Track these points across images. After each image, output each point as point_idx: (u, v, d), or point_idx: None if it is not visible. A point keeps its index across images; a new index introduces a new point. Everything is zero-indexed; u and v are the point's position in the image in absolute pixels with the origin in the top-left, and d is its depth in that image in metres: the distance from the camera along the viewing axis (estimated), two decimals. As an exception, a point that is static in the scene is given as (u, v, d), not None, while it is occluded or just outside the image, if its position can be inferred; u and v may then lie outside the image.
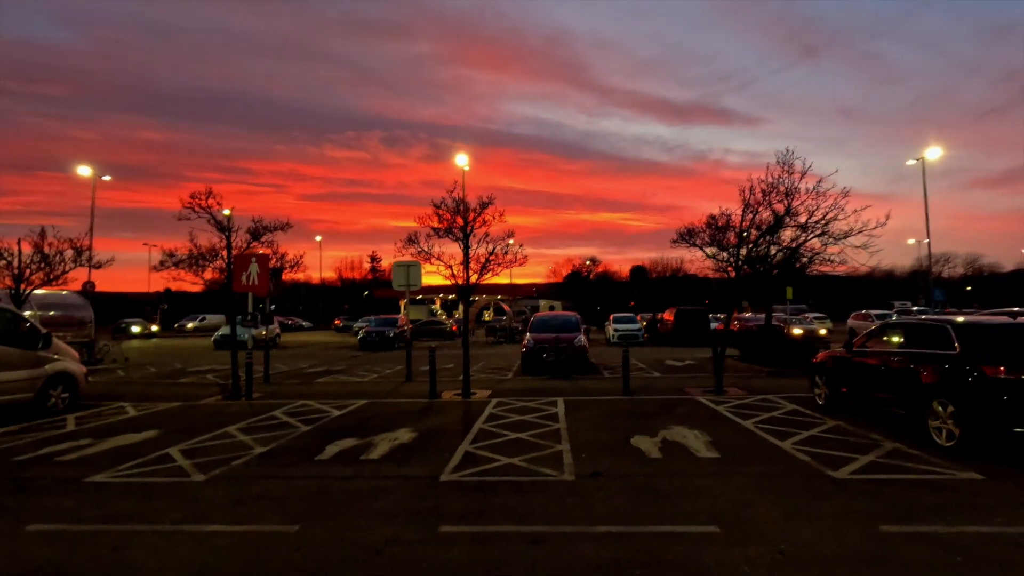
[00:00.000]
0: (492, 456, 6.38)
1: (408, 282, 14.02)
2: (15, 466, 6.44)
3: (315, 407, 10.03)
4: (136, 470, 6.15)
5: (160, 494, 5.30)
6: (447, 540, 4.06)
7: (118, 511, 4.84)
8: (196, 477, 5.83)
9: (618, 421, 8.30)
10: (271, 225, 11.64)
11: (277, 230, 11.67)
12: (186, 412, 9.90)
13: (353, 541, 4.08)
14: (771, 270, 10.37)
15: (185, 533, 4.31)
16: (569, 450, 6.59)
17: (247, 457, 6.60)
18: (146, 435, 7.92)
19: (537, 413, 9.00)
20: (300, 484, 5.51)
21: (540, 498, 4.95)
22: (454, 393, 11.35)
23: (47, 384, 9.63)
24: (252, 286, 11.39)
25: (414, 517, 4.54)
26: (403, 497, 5.05)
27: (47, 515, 4.77)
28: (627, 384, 10.95)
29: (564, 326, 15.67)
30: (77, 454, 6.91)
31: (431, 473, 5.79)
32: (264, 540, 4.15)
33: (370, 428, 8.10)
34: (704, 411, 8.94)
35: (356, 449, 6.89)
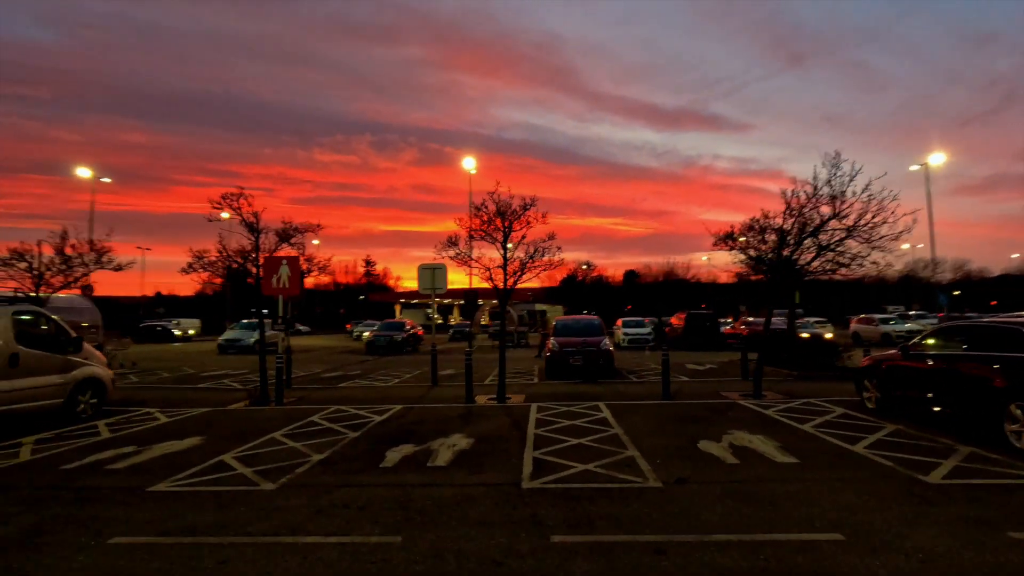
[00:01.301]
0: (564, 462, 6.22)
1: (434, 285, 13.84)
2: (67, 475, 6.18)
3: (352, 412, 9.81)
4: (197, 479, 5.92)
5: (235, 504, 5.08)
6: (566, 551, 3.90)
7: (199, 522, 4.62)
8: (265, 486, 5.62)
9: (672, 425, 8.17)
10: (301, 227, 11.40)
11: (307, 231, 11.44)
12: (219, 418, 9.64)
13: (466, 552, 3.91)
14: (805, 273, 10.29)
15: (284, 545, 4.11)
16: (640, 456, 6.44)
17: (307, 465, 6.39)
18: (189, 442, 7.66)
19: (585, 418, 8.85)
20: (379, 492, 5.31)
21: (637, 505, 4.80)
22: (488, 398, 11.17)
23: (76, 389, 9.33)
24: (283, 288, 11.16)
25: (517, 526, 4.37)
26: (494, 505, 4.88)
27: (126, 527, 4.54)
28: (667, 389, 10.84)
29: (588, 330, 15.54)
30: (127, 462, 6.66)
31: (510, 480, 5.62)
32: (372, 551, 3.96)
33: (421, 434, 7.90)
34: (754, 415, 8.84)
35: (418, 456, 6.70)
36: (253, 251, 11.39)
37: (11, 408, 8.20)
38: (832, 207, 9.07)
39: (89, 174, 30.65)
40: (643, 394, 11.43)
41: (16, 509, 5.03)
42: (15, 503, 5.21)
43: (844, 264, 9.80)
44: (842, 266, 9.87)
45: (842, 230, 9.20)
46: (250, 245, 11.27)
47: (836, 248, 9.38)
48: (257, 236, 11.25)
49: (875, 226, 8.85)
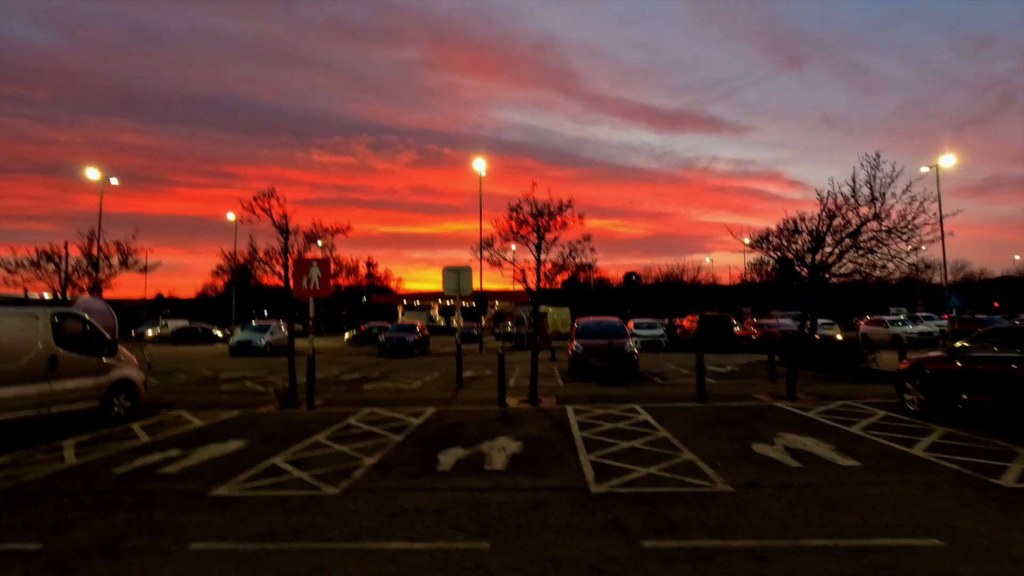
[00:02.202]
0: (623, 466, 6.16)
1: (459, 287, 13.77)
2: (121, 479, 6.11)
3: (386, 415, 9.74)
4: (255, 483, 5.84)
5: (305, 509, 5.01)
6: (663, 557, 3.84)
7: (276, 528, 4.56)
8: (327, 490, 5.55)
9: (718, 428, 8.12)
10: (331, 228, 11.33)
11: (337, 233, 11.38)
12: (254, 421, 9.56)
13: (561, 558, 3.85)
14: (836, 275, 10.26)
15: (371, 552, 4.05)
16: (697, 459, 6.39)
17: (362, 469, 6.32)
18: (233, 445, 7.59)
19: (626, 421, 8.80)
20: (447, 497, 5.25)
21: (716, 510, 4.75)
22: (519, 400, 11.10)
23: (111, 392, 9.25)
24: (313, 290, 11.08)
25: (602, 532, 4.32)
26: (570, 510, 4.82)
27: (202, 533, 4.47)
28: (702, 391, 10.78)
29: (612, 332, 15.49)
30: (177, 466, 6.59)
31: (576, 485, 5.56)
32: (463, 558, 3.90)
33: (466, 437, 7.84)
34: (796, 418, 8.79)
35: (472, 459, 6.64)
36: (282, 252, 11.32)
37: (51, 411, 8.11)
38: (872, 208, 9.03)
39: (98, 175, 30.51)
40: (675, 396, 11.37)
41: (83, 514, 4.96)
42: (80, 508, 5.13)
43: (879, 265, 9.76)
44: (877, 268, 9.83)
45: (882, 231, 9.15)
46: (279, 246, 11.20)
47: (876, 249, 9.34)
48: (286, 237, 11.19)
49: (916, 228, 8.82)
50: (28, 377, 7.79)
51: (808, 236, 10.54)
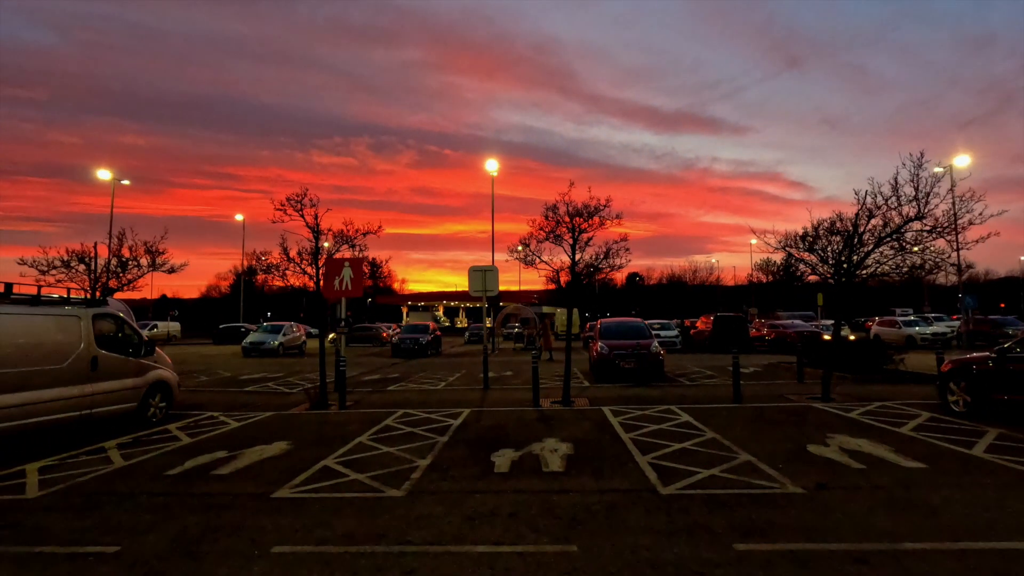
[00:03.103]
0: (684, 467, 6.10)
1: (485, 287, 13.72)
2: (176, 481, 6.05)
3: (422, 416, 9.67)
4: (315, 485, 5.78)
5: (374, 511, 4.95)
6: (760, 560, 3.77)
7: (353, 530, 4.50)
8: (391, 492, 5.48)
9: (765, 429, 8.05)
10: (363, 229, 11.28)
11: (369, 234, 11.33)
12: (290, 422, 9.49)
13: (657, 562, 3.78)
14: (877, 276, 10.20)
15: (460, 554, 3.98)
16: (756, 460, 6.32)
17: (419, 470, 6.25)
18: (279, 447, 7.52)
19: (668, 422, 8.73)
20: (516, 499, 5.19)
21: (796, 512, 4.68)
22: (551, 401, 11.02)
23: (148, 393, 9.20)
24: (346, 291, 11.02)
25: (689, 534, 4.25)
26: (647, 512, 4.76)
27: (278, 536, 4.41)
28: (738, 392, 10.73)
29: (636, 333, 15.43)
30: (229, 467, 6.53)
31: (643, 487, 5.50)
32: (556, 561, 3.83)
33: (511, 439, 7.77)
34: (839, 419, 8.72)
35: (526, 461, 6.57)
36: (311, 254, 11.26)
37: (92, 412, 8.06)
38: (916, 207, 8.97)
39: (109, 176, 30.49)
40: (708, 397, 11.30)
41: (151, 517, 4.90)
42: (146, 510, 5.08)
43: (918, 265, 9.69)
44: (916, 268, 9.77)
45: (923, 231, 9.09)
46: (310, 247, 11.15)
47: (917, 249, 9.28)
48: (317, 238, 11.14)
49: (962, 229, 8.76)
50: (72, 378, 7.73)
51: (841, 237, 10.49)
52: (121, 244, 11.30)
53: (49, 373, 7.40)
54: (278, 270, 10.90)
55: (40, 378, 7.26)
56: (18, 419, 6.93)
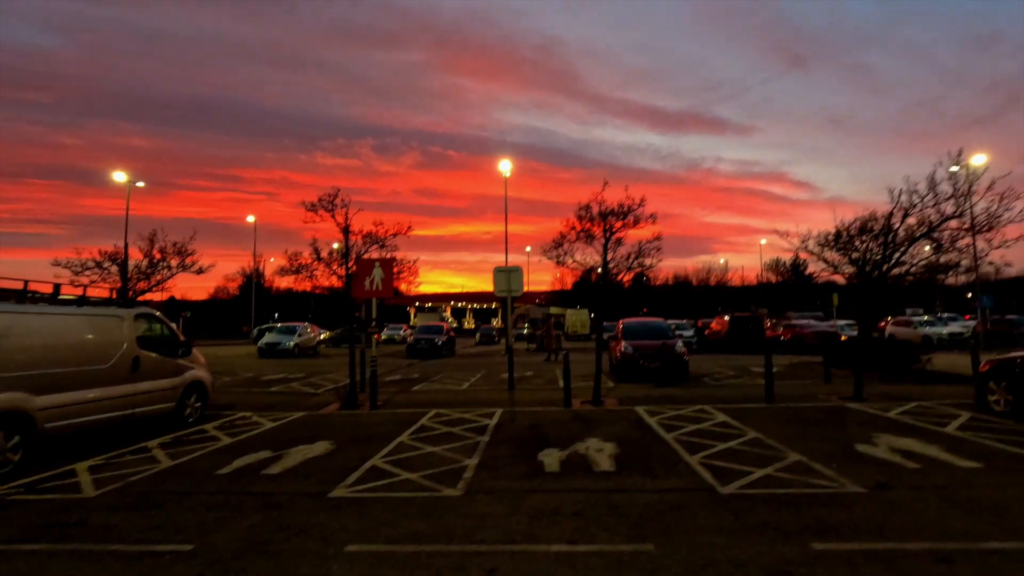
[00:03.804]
0: (736, 467, 6.07)
1: (509, 287, 13.73)
2: (229, 480, 6.07)
3: (456, 416, 9.67)
4: (369, 484, 5.79)
5: (435, 510, 4.95)
6: (843, 559, 3.75)
7: (419, 530, 4.50)
8: (448, 492, 5.48)
9: (805, 429, 8.00)
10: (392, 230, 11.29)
11: (398, 235, 11.34)
12: (324, 422, 9.52)
13: (737, 560, 3.76)
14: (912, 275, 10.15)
15: (537, 553, 3.98)
16: (807, 460, 6.28)
17: (469, 470, 6.25)
18: (322, 447, 7.53)
19: (706, 421, 8.70)
20: (575, 498, 5.17)
21: (862, 511, 4.65)
22: (581, 401, 11.00)
23: (185, 393, 9.24)
24: (376, 291, 11.05)
25: (760, 533, 4.23)
26: (711, 511, 4.74)
27: (348, 535, 4.41)
28: (771, 392, 10.68)
29: (659, 332, 15.39)
30: (279, 467, 6.55)
31: (699, 486, 5.48)
32: (633, 559, 3.82)
33: (552, 438, 7.76)
34: (879, 419, 8.67)
35: (573, 460, 6.56)
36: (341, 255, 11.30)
37: (134, 412, 8.10)
38: (956, 205, 8.92)
39: (124, 178, 30.68)
40: (739, 397, 11.26)
41: (215, 516, 4.91)
42: (207, 509, 5.09)
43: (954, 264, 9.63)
44: (950, 268, 9.71)
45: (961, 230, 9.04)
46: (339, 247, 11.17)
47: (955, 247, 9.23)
48: (347, 237, 11.17)
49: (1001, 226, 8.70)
50: (115, 378, 7.78)
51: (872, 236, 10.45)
52: (152, 245, 11.37)
53: (95, 373, 7.44)
54: (308, 269, 10.92)
55: (86, 378, 7.31)
56: (68, 419, 6.97)
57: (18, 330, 6.52)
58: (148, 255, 11.33)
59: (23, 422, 6.39)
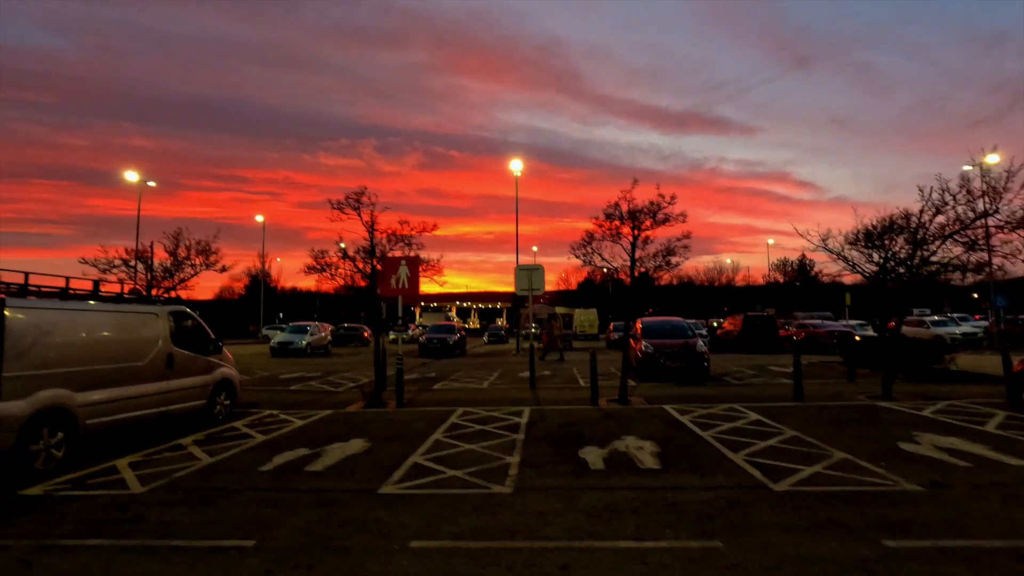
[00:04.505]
0: (784, 464, 6.03)
1: (531, 286, 13.69)
2: (273, 477, 6.06)
3: (484, 414, 9.64)
4: (415, 481, 5.77)
5: (490, 507, 4.93)
6: (920, 557, 3.71)
7: (479, 526, 4.47)
8: (498, 489, 5.46)
9: (842, 427, 7.94)
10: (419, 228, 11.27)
11: (423, 233, 11.32)
12: (354, 420, 9.50)
13: (810, 557, 3.73)
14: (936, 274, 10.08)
15: (605, 550, 3.95)
16: (853, 458, 6.24)
17: (512, 467, 6.22)
18: (358, 444, 7.51)
19: (740, 419, 8.66)
20: (630, 496, 5.14)
21: (927, 509, 4.61)
22: (607, 400, 10.96)
23: (215, 391, 9.23)
24: (402, 289, 11.03)
25: (827, 530, 4.19)
26: (771, 508, 4.71)
27: (409, 531, 4.39)
28: (799, 391, 10.63)
29: (680, 332, 15.35)
30: (320, 464, 6.53)
31: (751, 483, 5.45)
32: (707, 556, 3.79)
33: (590, 436, 7.73)
34: (916, 418, 8.62)
35: (616, 458, 6.53)
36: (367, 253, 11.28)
37: (168, 409, 8.09)
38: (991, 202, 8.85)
39: (136, 178, 30.76)
40: (766, 396, 11.20)
41: (270, 512, 4.90)
42: (260, 505, 5.08)
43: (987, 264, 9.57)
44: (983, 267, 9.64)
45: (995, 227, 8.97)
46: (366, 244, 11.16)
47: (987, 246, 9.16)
48: (372, 236, 11.15)
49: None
50: (151, 375, 7.77)
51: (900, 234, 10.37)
52: (177, 244, 11.39)
53: (133, 370, 7.44)
54: (332, 268, 10.90)
55: (124, 375, 7.30)
56: (107, 415, 6.97)
57: (61, 327, 6.51)
58: (173, 253, 11.33)
59: (66, 419, 6.39)
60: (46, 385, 6.18)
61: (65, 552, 4.10)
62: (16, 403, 5.81)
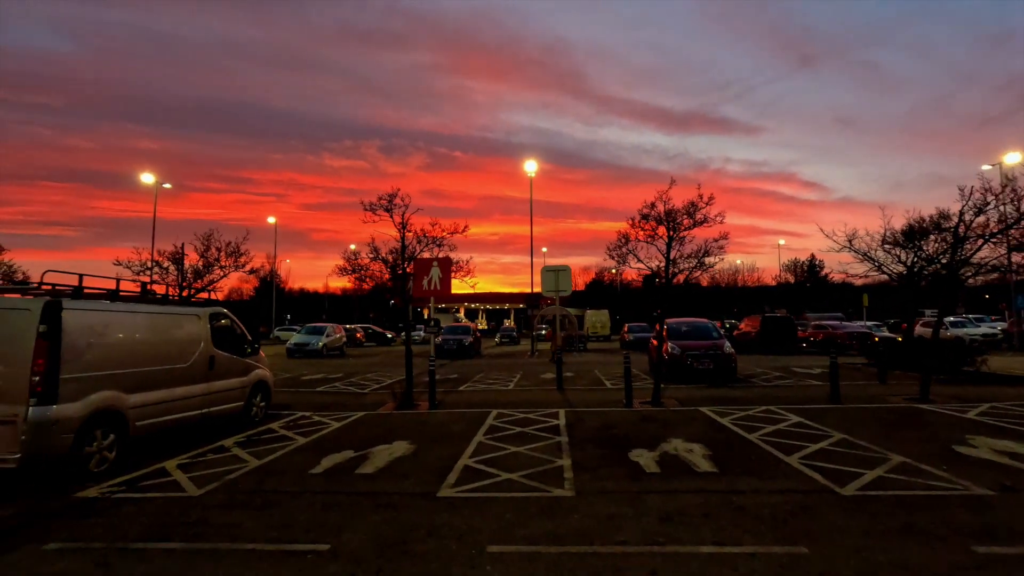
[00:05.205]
0: (842, 468, 5.95)
1: (557, 287, 13.66)
2: (327, 480, 6.03)
3: (520, 416, 9.59)
4: (473, 484, 5.72)
5: (559, 511, 4.87)
6: (1016, 563, 3.64)
7: (552, 530, 4.42)
8: (558, 492, 5.41)
9: (889, 430, 7.84)
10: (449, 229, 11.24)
11: (455, 234, 11.29)
12: (390, 421, 9.46)
13: (904, 563, 3.66)
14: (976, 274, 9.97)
15: (692, 555, 3.89)
16: (913, 461, 6.15)
17: (566, 470, 6.16)
18: (403, 447, 7.47)
19: (782, 422, 8.58)
20: (695, 500, 5.08)
21: (1006, 513, 4.54)
22: (640, 402, 10.87)
23: (251, 392, 9.22)
24: (434, 290, 10.99)
25: (910, 535, 4.12)
26: (846, 512, 4.63)
27: (483, 536, 4.34)
28: (836, 392, 10.52)
29: (706, 333, 15.26)
30: (370, 467, 6.49)
31: (814, 488, 5.37)
32: (795, 562, 3.72)
33: (634, 439, 7.66)
34: (961, 420, 8.51)
35: (668, 461, 6.46)
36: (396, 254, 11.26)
37: (209, 411, 8.09)
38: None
39: (152, 179, 30.90)
40: (800, 398, 11.09)
41: (335, 515, 4.86)
42: (323, 509, 5.04)
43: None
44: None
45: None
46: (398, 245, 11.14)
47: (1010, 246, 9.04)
48: (403, 237, 11.13)
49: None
50: (194, 377, 7.77)
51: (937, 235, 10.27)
52: (208, 246, 11.41)
53: (178, 371, 7.43)
54: (363, 270, 10.88)
55: (170, 377, 7.29)
56: (155, 417, 6.96)
57: (112, 329, 6.51)
58: (204, 255, 11.36)
59: (118, 421, 6.38)
60: (99, 387, 6.17)
61: (141, 555, 4.07)
62: (73, 405, 5.81)
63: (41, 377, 5.55)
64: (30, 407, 5.52)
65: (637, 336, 29.53)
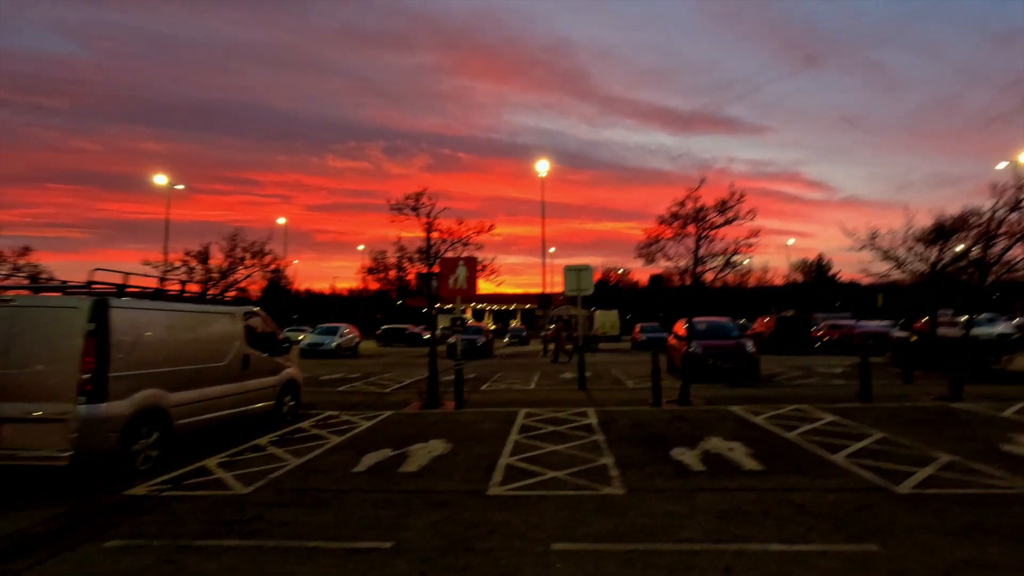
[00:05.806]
0: (891, 467, 5.89)
1: (579, 287, 13.61)
2: (372, 478, 6.02)
3: (550, 415, 9.55)
4: (520, 482, 5.70)
5: (615, 509, 4.85)
6: (1097, 562, 3.59)
7: (612, 528, 4.40)
8: (607, 490, 5.38)
9: (927, 430, 7.76)
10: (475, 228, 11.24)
11: (481, 233, 11.28)
12: (421, 420, 9.44)
13: (978, 561, 3.62)
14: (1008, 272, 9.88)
15: (756, 553, 3.85)
16: (963, 460, 6.09)
17: (611, 468, 6.14)
18: (440, 445, 7.44)
19: (816, 421, 8.51)
20: (748, 497, 5.04)
21: (1071, 513, 4.48)
22: (667, 401, 10.82)
23: (282, 391, 9.22)
24: (460, 290, 10.98)
25: (979, 534, 4.08)
26: (908, 511, 4.59)
27: (545, 533, 4.32)
28: (867, 392, 10.45)
29: (727, 332, 15.20)
30: (412, 465, 6.48)
31: (870, 486, 5.33)
32: (869, 561, 3.69)
33: (671, 437, 7.63)
34: (999, 419, 8.45)
35: (711, 459, 6.42)
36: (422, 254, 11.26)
37: (244, 410, 8.09)
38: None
39: (165, 181, 31.04)
40: (828, 396, 11.02)
41: (389, 513, 4.85)
42: (374, 507, 5.03)
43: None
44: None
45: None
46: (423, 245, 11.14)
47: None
48: (429, 237, 11.13)
49: None
50: (230, 376, 7.77)
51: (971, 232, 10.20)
52: (234, 246, 11.44)
53: (215, 370, 7.44)
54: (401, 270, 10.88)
55: (209, 375, 7.30)
56: (196, 415, 6.97)
57: (155, 327, 6.53)
58: (230, 255, 11.39)
59: (162, 419, 6.39)
60: (144, 385, 6.18)
61: (205, 552, 4.07)
62: (120, 403, 5.82)
63: (91, 375, 5.57)
64: (79, 405, 5.53)
65: (650, 336, 29.43)
